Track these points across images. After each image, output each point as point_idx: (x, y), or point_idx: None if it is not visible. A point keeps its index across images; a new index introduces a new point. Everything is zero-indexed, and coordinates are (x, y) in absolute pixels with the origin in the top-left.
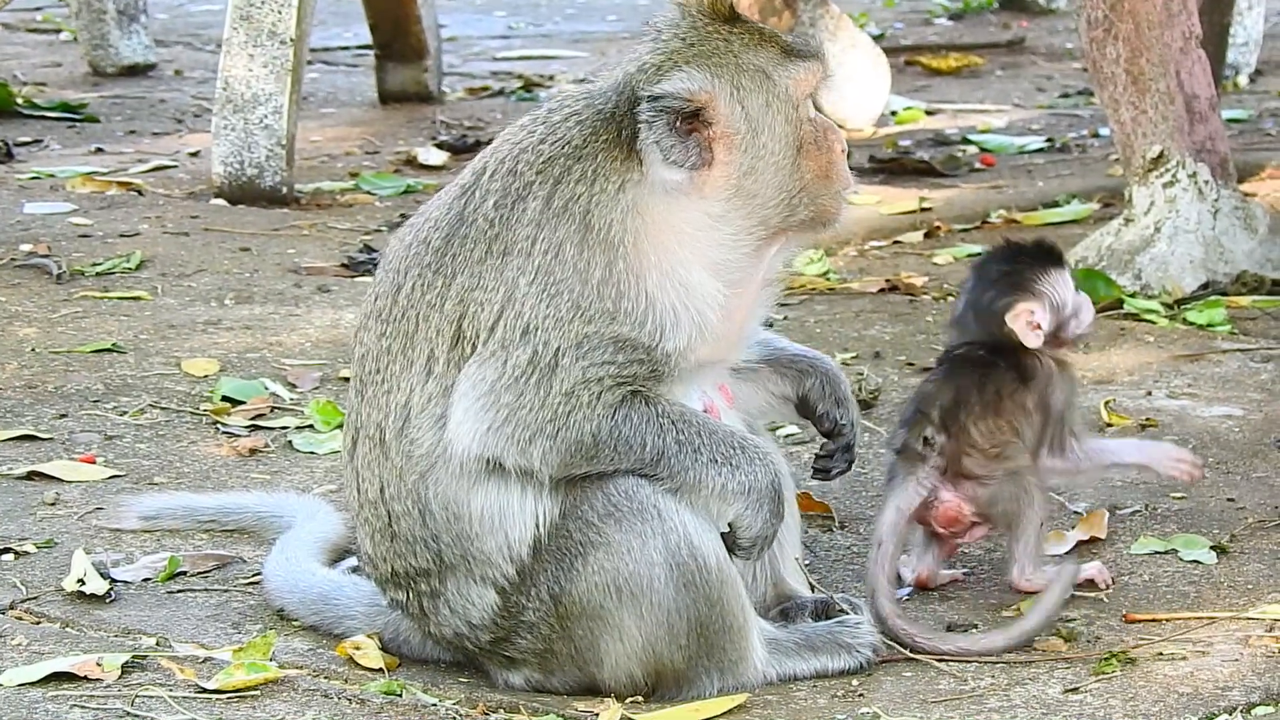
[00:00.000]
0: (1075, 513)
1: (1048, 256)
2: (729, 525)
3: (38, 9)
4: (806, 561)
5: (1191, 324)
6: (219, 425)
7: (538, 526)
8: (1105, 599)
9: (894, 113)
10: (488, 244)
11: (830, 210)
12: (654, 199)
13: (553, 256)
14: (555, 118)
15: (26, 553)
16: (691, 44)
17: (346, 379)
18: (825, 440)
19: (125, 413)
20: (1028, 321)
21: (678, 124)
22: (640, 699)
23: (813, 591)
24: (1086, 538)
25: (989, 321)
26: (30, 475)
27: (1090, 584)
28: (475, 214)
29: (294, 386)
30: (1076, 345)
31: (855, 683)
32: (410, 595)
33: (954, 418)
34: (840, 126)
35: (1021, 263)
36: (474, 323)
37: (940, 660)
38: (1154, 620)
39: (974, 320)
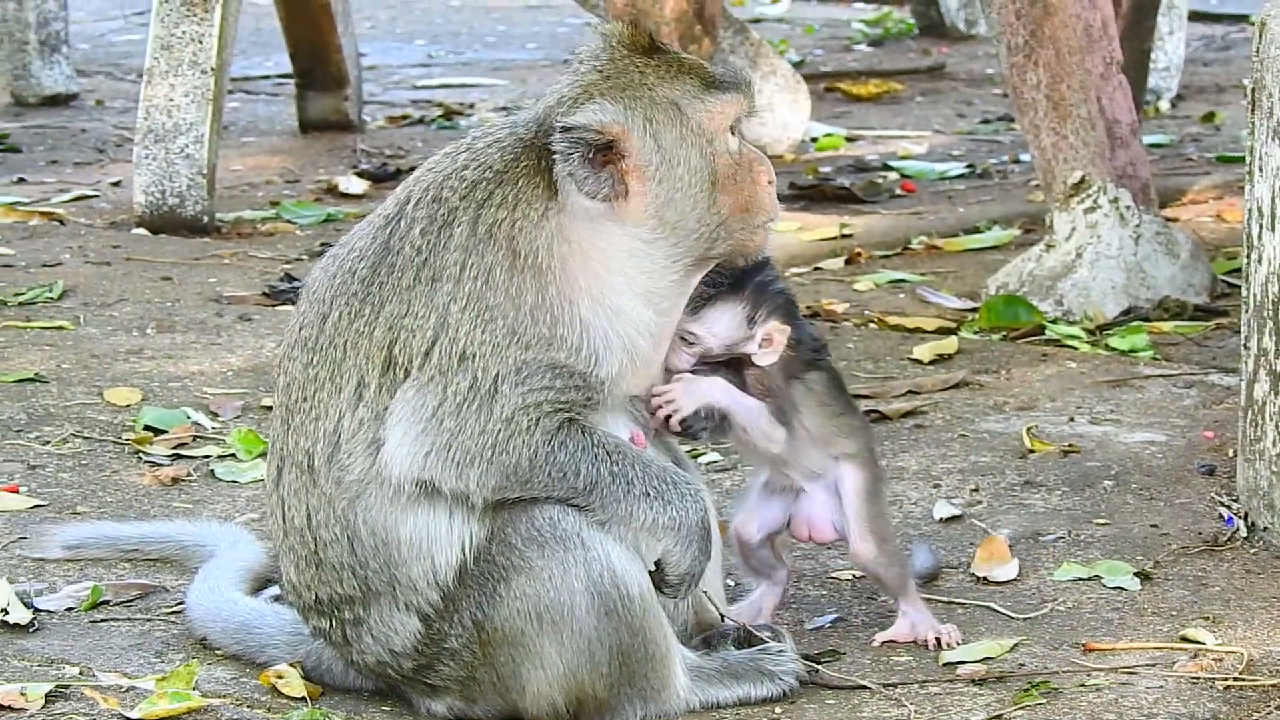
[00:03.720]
0: (986, 532)
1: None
2: (657, 562)
3: None
4: (728, 589)
5: (1114, 350)
6: (141, 454)
7: (464, 551)
8: (1027, 625)
9: (814, 139)
10: (416, 271)
11: (751, 243)
12: (579, 225)
13: (483, 283)
14: (479, 144)
15: None
16: (608, 76)
17: (268, 407)
18: None
19: (48, 442)
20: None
21: (591, 156)
22: None
23: (733, 620)
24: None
25: None
26: None
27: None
28: (402, 242)
29: (216, 415)
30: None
31: (778, 710)
32: (333, 623)
33: None
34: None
35: None
36: (405, 349)
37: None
38: (1109, 650)
39: None
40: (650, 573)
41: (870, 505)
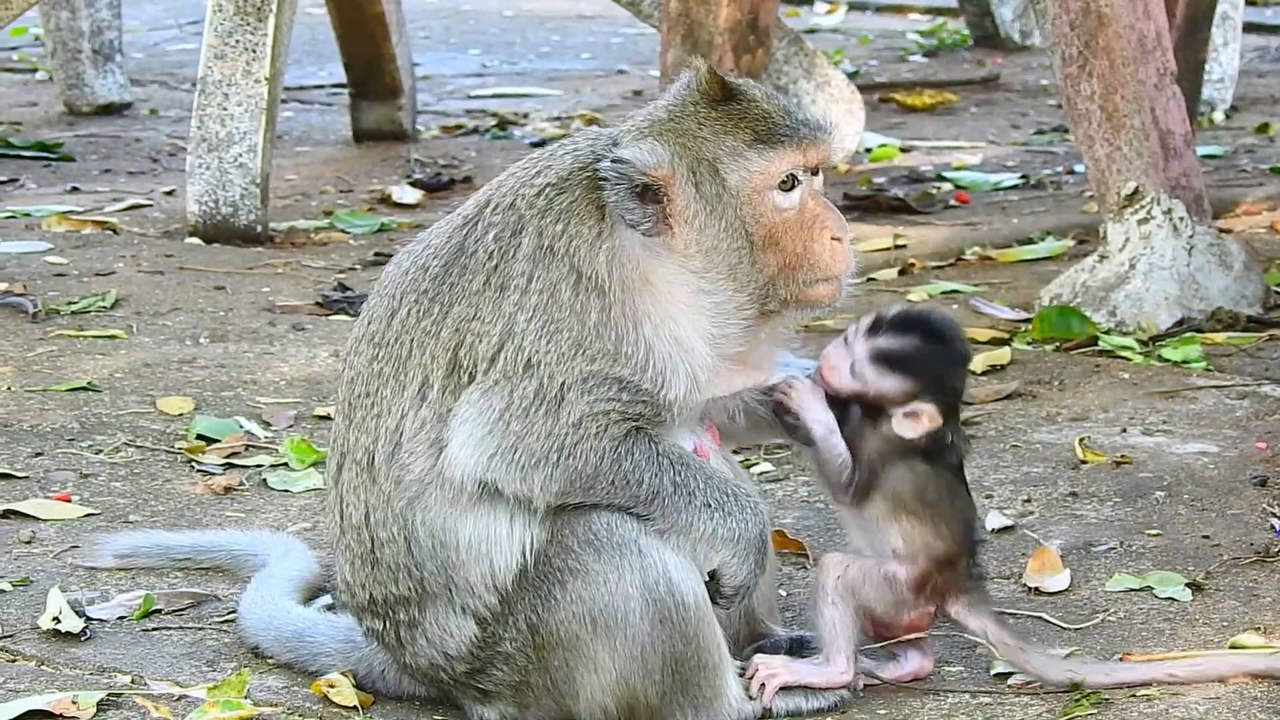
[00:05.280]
0: (1038, 542)
1: None
2: (712, 573)
3: (13, 49)
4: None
5: (1167, 361)
6: (194, 463)
7: (524, 555)
8: (1078, 635)
9: (868, 150)
10: (486, 276)
11: (808, 299)
12: (636, 250)
13: (549, 296)
14: (559, 151)
15: (2, 591)
16: (673, 118)
17: (321, 417)
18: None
19: (100, 451)
20: None
21: (638, 190)
22: None
23: (783, 631)
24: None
25: None
26: (6, 514)
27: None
28: (476, 245)
29: (269, 424)
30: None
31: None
32: (387, 624)
33: None
34: None
35: None
36: (471, 353)
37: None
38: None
39: None
40: (705, 582)
41: (863, 590)
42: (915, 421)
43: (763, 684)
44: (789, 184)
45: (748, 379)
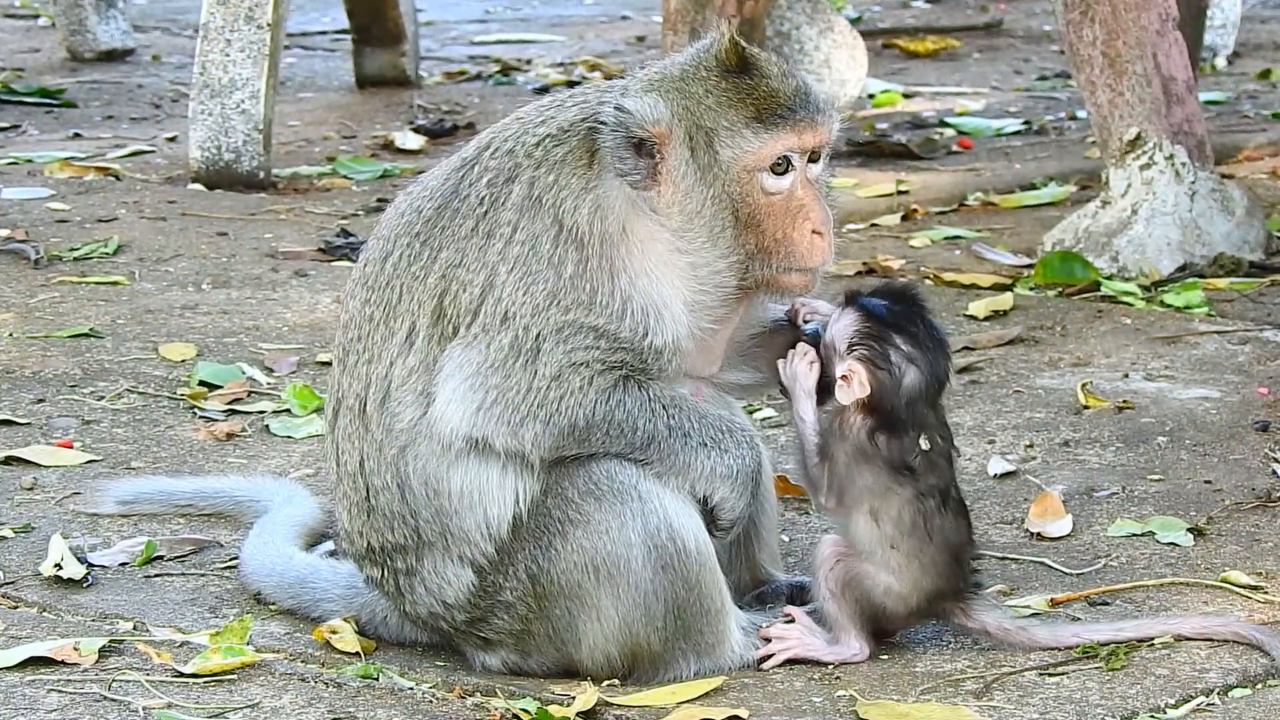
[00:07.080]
0: (1040, 488)
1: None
2: (710, 509)
3: None
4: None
5: (1169, 306)
6: (196, 410)
7: (518, 503)
8: (1080, 580)
9: (871, 96)
10: (475, 222)
11: (781, 284)
12: (619, 201)
13: (530, 249)
14: (568, 101)
15: (4, 538)
16: (684, 78)
17: (323, 363)
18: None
19: (103, 397)
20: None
21: (635, 141)
22: (617, 681)
23: (785, 577)
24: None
25: None
26: (7, 460)
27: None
28: (469, 190)
29: (271, 371)
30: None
31: (833, 666)
32: (386, 572)
33: None
34: None
35: None
36: (455, 303)
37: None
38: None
39: None
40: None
41: (853, 590)
42: (847, 385)
43: (771, 653)
44: (782, 167)
45: (710, 366)
